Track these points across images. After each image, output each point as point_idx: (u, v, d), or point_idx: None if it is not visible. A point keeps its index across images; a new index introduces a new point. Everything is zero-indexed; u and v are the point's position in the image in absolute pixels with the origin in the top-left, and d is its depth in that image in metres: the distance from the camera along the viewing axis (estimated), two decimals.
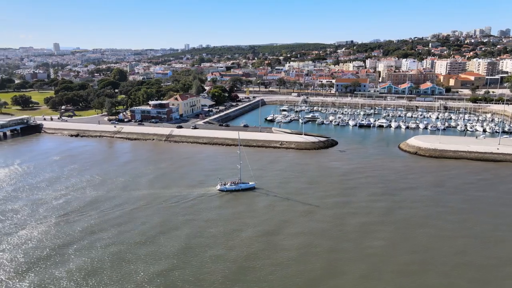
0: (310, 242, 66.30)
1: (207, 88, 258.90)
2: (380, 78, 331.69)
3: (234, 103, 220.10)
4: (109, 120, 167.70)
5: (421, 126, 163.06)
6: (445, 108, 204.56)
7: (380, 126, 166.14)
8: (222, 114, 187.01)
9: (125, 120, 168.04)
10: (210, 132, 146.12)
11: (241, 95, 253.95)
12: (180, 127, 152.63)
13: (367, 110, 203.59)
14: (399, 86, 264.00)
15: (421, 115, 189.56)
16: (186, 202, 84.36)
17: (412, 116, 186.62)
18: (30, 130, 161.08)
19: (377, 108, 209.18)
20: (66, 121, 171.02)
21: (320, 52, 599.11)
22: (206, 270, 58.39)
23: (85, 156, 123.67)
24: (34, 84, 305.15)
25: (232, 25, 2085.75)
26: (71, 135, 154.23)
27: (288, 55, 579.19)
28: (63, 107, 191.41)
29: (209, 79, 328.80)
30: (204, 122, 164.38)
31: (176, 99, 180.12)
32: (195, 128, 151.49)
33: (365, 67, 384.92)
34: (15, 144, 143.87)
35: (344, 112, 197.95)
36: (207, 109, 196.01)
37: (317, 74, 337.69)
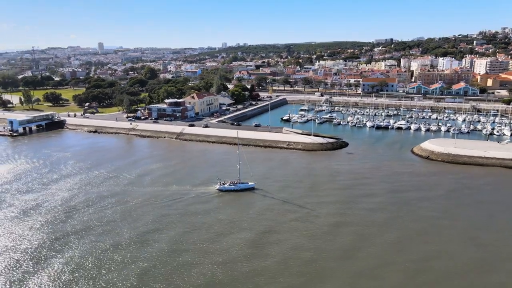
0: (293, 253, 62.78)
1: (231, 86, 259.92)
2: (413, 78, 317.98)
3: (254, 102, 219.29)
4: (127, 117, 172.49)
5: (443, 128, 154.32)
6: (476, 110, 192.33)
7: (399, 128, 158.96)
8: (238, 113, 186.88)
9: (142, 117, 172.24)
10: (219, 131, 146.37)
11: (264, 94, 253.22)
12: (192, 125, 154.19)
13: (390, 111, 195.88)
14: (430, 86, 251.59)
15: (446, 117, 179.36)
16: (182, 201, 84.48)
17: (437, 118, 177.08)
18: (54, 125, 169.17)
19: (401, 109, 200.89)
20: (88, 117, 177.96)
21: (355, 50, 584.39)
22: (177, 276, 57.01)
23: (97, 152, 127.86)
24: (69, 81, 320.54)
25: (269, 24, 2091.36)
26: (90, 131, 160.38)
27: (322, 54, 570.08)
28: (86, 104, 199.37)
29: (236, 78, 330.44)
30: (217, 121, 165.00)
31: (193, 97, 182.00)
32: (206, 126, 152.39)
33: (398, 66, 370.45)
34: (36, 138, 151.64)
35: (365, 113, 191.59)
36: (224, 108, 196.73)
37: (346, 73, 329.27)
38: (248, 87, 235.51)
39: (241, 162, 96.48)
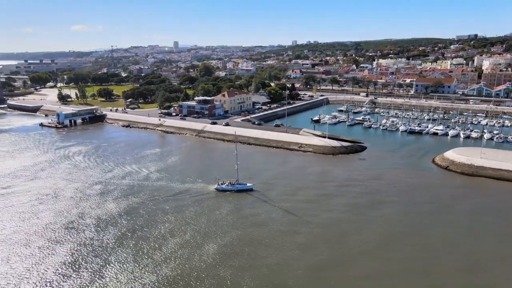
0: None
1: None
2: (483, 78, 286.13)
3: (291, 102, 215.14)
4: (160, 113, 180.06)
5: (487, 136, 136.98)
6: None
7: (435, 134, 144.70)
8: (268, 112, 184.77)
9: (173, 114, 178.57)
10: (237, 130, 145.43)
11: (308, 93, 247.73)
12: (215, 123, 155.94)
13: (438, 114, 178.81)
14: (494, 88, 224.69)
15: (498, 122, 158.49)
16: (177, 199, 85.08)
17: (487, 124, 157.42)
18: (96, 119, 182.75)
19: (452, 112, 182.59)
20: (127, 112, 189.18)
21: (428, 48, 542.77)
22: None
23: (113, 145, 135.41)
24: (130, 78, 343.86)
25: (340, 22, 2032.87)
26: (123, 126, 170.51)
27: (390, 52, 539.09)
28: (129, 100, 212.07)
29: (285, 76, 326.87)
30: (242, 120, 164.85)
31: (224, 95, 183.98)
32: (227, 125, 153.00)
33: (468, 65, 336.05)
34: (74, 130, 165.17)
35: (405, 116, 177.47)
36: (257, 107, 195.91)
37: (404, 72, 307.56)
38: (289, 86, 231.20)
39: (239, 162, 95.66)
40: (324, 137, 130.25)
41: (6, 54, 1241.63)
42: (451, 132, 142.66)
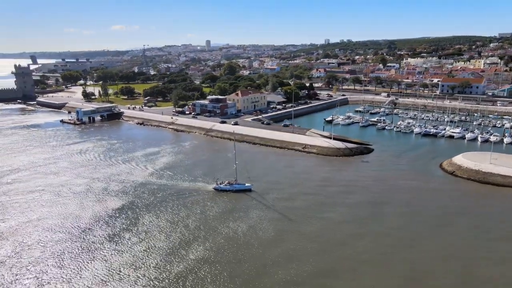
0: None
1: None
2: None
3: (308, 101, 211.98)
4: (174, 112, 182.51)
5: (507, 140, 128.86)
6: None
7: (451, 137, 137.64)
8: (281, 112, 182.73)
9: (187, 112, 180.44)
10: (244, 129, 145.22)
11: (329, 93, 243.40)
12: (224, 122, 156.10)
13: (460, 116, 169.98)
14: None
15: None
16: (173, 196, 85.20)
17: (511, 127, 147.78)
18: (113, 116, 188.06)
19: (475, 114, 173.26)
20: (143, 110, 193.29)
21: (465, 46, 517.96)
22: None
23: (122, 142, 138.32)
24: (155, 77, 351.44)
25: (373, 20, 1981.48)
26: (138, 123, 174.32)
27: (424, 50, 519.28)
28: (146, 98, 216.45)
29: (315, 75, 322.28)
30: (252, 119, 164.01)
31: (237, 94, 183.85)
32: (235, 124, 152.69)
33: (505, 65, 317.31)
34: (90, 127, 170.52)
35: (424, 117, 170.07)
36: (272, 106, 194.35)
37: (432, 72, 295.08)
38: (307, 85, 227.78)
39: (237, 162, 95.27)
40: (330, 138, 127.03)
41: (52, 53, 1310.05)
42: (469, 136, 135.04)
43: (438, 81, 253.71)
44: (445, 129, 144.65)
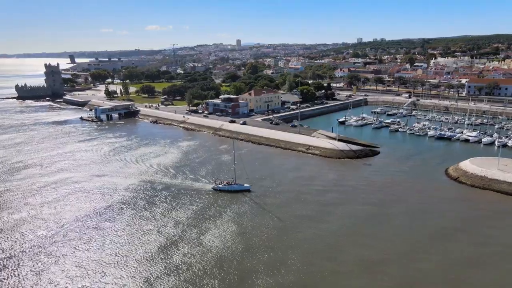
0: None
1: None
2: None
3: (325, 101, 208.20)
4: (187, 111, 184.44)
5: None
6: None
7: (466, 140, 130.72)
8: (293, 112, 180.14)
9: (199, 111, 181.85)
10: (251, 129, 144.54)
11: (347, 93, 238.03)
12: (233, 121, 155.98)
13: (483, 118, 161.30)
14: None
15: None
16: (171, 195, 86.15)
17: None
18: (130, 114, 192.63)
19: (500, 117, 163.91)
20: (158, 109, 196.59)
21: (503, 45, 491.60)
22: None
23: (129, 140, 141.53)
24: (178, 75, 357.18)
25: (407, 18, 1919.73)
26: (152, 121, 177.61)
27: (459, 49, 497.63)
28: (163, 96, 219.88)
29: (338, 75, 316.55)
30: (262, 119, 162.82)
31: (250, 94, 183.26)
32: (244, 123, 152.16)
33: None
34: (104, 125, 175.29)
35: (443, 120, 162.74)
36: (286, 106, 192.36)
37: (462, 72, 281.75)
38: (325, 85, 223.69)
39: (236, 163, 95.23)
40: (335, 139, 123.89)
41: (90, 52, 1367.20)
42: (485, 140, 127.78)
43: (466, 81, 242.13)
44: (462, 132, 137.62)
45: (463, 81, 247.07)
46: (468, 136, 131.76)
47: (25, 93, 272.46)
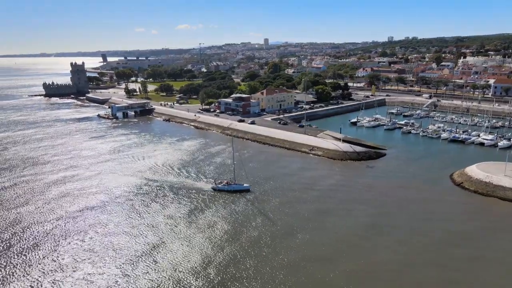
0: None
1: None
2: None
3: (341, 102, 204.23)
4: (200, 109, 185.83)
5: None
6: None
7: (481, 144, 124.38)
8: (305, 112, 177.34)
9: (211, 110, 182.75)
10: (259, 129, 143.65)
11: (365, 93, 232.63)
12: (242, 121, 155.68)
13: (504, 121, 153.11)
14: None
15: None
16: (171, 193, 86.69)
17: None
18: (145, 112, 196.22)
19: None
20: (173, 107, 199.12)
21: None
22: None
23: (144, 137, 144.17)
24: (199, 74, 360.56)
25: (440, 15, 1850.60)
26: (165, 120, 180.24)
27: (492, 48, 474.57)
28: (178, 95, 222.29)
29: (360, 75, 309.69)
30: (272, 119, 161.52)
31: (262, 93, 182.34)
32: (252, 123, 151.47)
33: None
34: (118, 122, 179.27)
35: (462, 122, 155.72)
36: (299, 106, 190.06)
37: (491, 71, 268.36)
38: (342, 85, 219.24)
39: (235, 162, 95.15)
40: (340, 140, 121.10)
41: (122, 51, 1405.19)
42: (502, 143, 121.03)
43: (492, 82, 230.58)
44: (478, 135, 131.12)
45: (491, 81, 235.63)
46: (484, 139, 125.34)
47: (51, 90, 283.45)
